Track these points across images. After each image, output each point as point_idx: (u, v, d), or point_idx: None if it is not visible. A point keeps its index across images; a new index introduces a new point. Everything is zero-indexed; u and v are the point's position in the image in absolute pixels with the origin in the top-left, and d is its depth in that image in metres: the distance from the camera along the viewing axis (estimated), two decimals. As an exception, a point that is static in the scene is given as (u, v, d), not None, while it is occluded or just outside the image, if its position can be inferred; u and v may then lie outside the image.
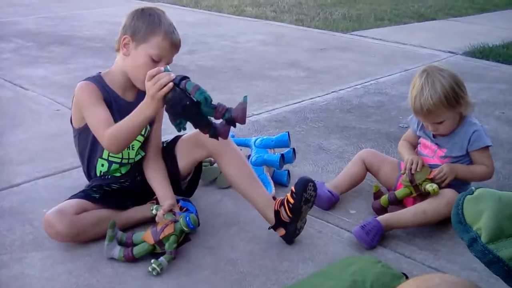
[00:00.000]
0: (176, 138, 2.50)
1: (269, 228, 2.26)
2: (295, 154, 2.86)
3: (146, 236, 2.15)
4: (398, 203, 2.48)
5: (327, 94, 4.37)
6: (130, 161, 2.45)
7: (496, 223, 1.25)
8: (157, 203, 2.35)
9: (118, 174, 2.46)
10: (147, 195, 2.42)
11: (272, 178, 2.76)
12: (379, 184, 2.65)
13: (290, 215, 2.19)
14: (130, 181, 2.43)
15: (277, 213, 2.23)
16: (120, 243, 2.17)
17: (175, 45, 2.42)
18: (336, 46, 6.18)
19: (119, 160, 2.42)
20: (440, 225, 2.38)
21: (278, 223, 2.24)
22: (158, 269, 2.06)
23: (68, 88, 3.51)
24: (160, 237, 2.12)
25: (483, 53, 5.73)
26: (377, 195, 2.56)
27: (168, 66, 2.22)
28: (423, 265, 2.17)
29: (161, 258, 2.09)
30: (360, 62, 5.43)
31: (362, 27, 7.26)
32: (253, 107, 4.00)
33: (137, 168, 2.45)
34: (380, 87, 4.56)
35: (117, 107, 2.35)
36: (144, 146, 2.46)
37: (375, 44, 6.28)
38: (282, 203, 2.23)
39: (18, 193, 2.64)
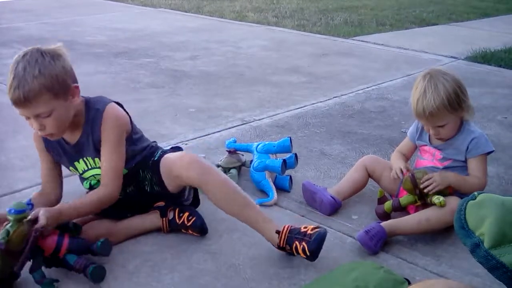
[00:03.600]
0: (164, 153, 2.40)
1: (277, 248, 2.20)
2: (297, 160, 2.86)
3: None
4: (402, 209, 2.47)
5: (329, 99, 4.36)
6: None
7: (499, 229, 1.25)
8: (160, 211, 2.36)
9: None
10: (145, 204, 2.42)
11: (274, 183, 2.76)
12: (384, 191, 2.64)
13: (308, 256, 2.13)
14: (122, 194, 2.37)
15: (282, 248, 2.17)
16: None
17: (15, 104, 2.11)
18: (338, 51, 6.18)
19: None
20: (442, 230, 2.37)
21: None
22: None
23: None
24: None
25: (485, 58, 5.72)
26: (382, 200, 2.56)
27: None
28: (425, 271, 2.16)
29: None
30: (362, 67, 5.44)
31: (364, 32, 7.27)
32: (254, 112, 4.01)
33: (124, 181, 2.35)
34: (382, 92, 4.55)
35: (66, 151, 2.35)
36: None
37: (377, 49, 6.29)
38: (294, 247, 2.13)
39: (19, 198, 2.63)
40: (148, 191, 2.40)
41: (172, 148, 2.85)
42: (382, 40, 6.76)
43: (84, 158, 2.33)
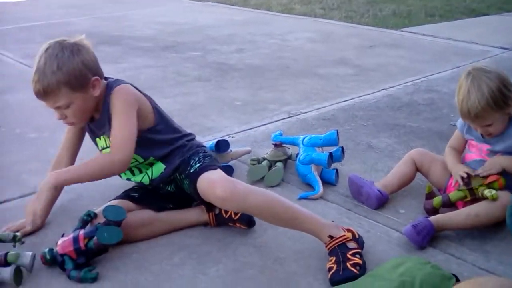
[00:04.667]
0: (201, 171, 2.28)
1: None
2: (343, 153, 2.83)
3: None
4: (451, 205, 2.42)
5: (376, 91, 4.32)
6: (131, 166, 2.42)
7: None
8: (207, 207, 2.37)
9: (147, 183, 2.46)
10: (187, 198, 2.43)
11: (320, 177, 2.74)
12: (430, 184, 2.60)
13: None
14: (163, 190, 2.40)
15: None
16: None
17: (36, 96, 2.24)
18: (386, 43, 6.10)
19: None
20: (491, 225, 2.31)
21: None
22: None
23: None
24: None
25: (537, 48, 5.58)
26: (430, 195, 2.51)
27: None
28: (474, 266, 2.12)
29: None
30: (410, 59, 5.36)
31: (413, 23, 7.16)
32: (301, 105, 3.99)
33: (164, 180, 2.40)
34: (431, 85, 4.48)
35: (88, 125, 2.44)
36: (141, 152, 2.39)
37: (425, 41, 6.19)
38: (329, 260, 2.10)
39: (69, 191, 2.68)
40: (188, 193, 2.40)
41: (218, 142, 2.88)
42: (431, 31, 6.64)
43: (103, 136, 2.38)
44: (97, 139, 2.42)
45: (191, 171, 2.32)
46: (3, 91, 4.44)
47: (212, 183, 2.18)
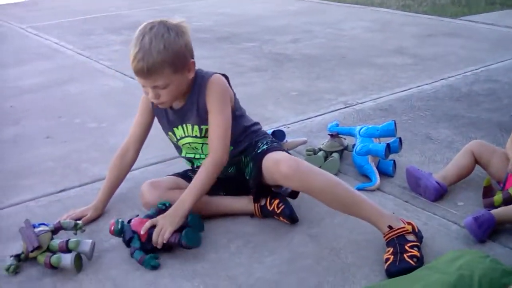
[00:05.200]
0: (267, 151, 2.32)
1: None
2: (401, 144, 2.79)
3: None
4: None
5: (435, 81, 4.24)
6: (202, 157, 2.46)
7: None
8: (254, 197, 2.38)
9: None
10: (241, 188, 2.44)
11: (377, 168, 2.72)
12: (491, 177, 2.53)
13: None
14: (222, 173, 2.39)
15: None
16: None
17: (137, 74, 2.23)
18: (444, 32, 5.98)
19: (192, 156, 2.50)
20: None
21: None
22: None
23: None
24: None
25: None
26: (487, 189, 2.45)
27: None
28: (536, 261, 2.07)
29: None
30: (469, 48, 5.24)
31: (472, 12, 6.99)
32: (357, 95, 3.96)
33: (228, 160, 2.39)
34: (491, 74, 4.37)
35: (168, 116, 2.45)
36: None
37: (485, 29, 6.03)
38: (386, 251, 2.08)
39: (127, 179, 2.74)
40: (247, 178, 2.42)
41: (274, 132, 2.88)
42: (491, 19, 6.47)
43: (184, 125, 2.40)
44: (175, 128, 2.44)
45: (258, 151, 2.37)
46: (64, 82, 4.55)
47: (277, 160, 2.21)
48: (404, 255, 2.00)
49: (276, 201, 2.35)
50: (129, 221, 2.21)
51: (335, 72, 4.60)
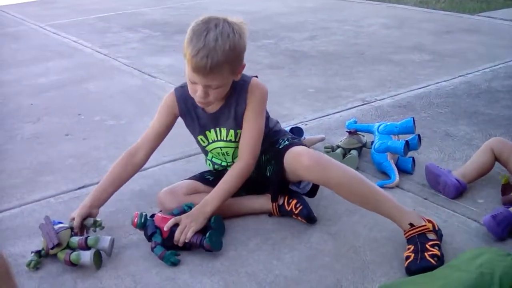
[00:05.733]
0: (289, 146, 2.33)
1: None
2: (420, 141, 2.78)
3: None
4: None
5: (453, 78, 4.21)
6: (229, 165, 2.45)
7: None
8: (272, 196, 2.37)
9: (230, 162, 2.48)
10: (261, 187, 2.44)
11: (396, 165, 2.71)
12: (509, 175, 2.52)
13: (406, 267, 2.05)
14: None
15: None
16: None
17: (196, 71, 2.11)
18: (462, 28, 5.94)
19: (219, 163, 2.48)
20: None
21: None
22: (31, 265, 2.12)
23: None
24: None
25: None
26: (506, 187, 2.44)
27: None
28: (558, 259, 2.05)
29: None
30: (488, 44, 5.19)
31: (491, 7, 6.93)
32: (375, 92, 3.95)
33: None
34: (511, 71, 4.33)
35: (200, 119, 2.40)
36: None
37: (504, 26, 5.99)
38: (407, 249, 2.06)
39: (146, 176, 2.76)
40: (268, 176, 2.42)
41: (291, 129, 2.88)
42: (511, 15, 6.41)
43: (217, 128, 2.38)
44: (207, 132, 2.41)
45: (280, 147, 2.36)
46: (83, 79, 4.58)
47: (298, 153, 2.22)
48: (425, 253, 1.99)
49: (294, 201, 2.34)
50: (152, 216, 2.22)
51: (352, 69, 4.58)
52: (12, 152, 3.24)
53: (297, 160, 2.20)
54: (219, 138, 2.40)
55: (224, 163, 2.47)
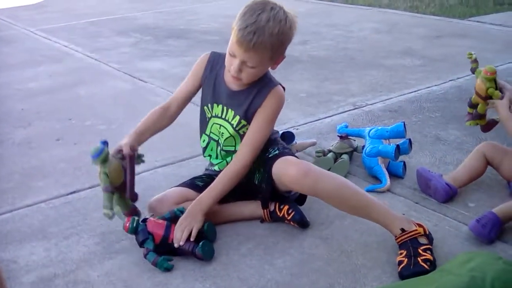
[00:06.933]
0: (279, 155, 2.31)
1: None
2: (411, 145, 2.80)
3: None
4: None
5: (444, 82, 4.23)
6: (224, 149, 2.45)
7: None
8: (262, 202, 2.37)
9: (216, 169, 2.49)
10: (250, 193, 2.43)
11: (387, 169, 2.72)
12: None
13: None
14: None
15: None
16: None
17: (239, 43, 2.15)
18: (453, 33, 5.97)
19: (216, 139, 2.47)
20: None
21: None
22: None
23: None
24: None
25: None
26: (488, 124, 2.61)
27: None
28: (549, 262, 2.06)
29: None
30: (478, 49, 5.20)
31: (480, 12, 6.97)
32: (366, 97, 3.96)
33: None
34: (501, 75, 4.29)
35: (216, 89, 2.41)
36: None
37: (494, 30, 6.02)
38: (400, 253, 2.08)
39: (138, 181, 2.72)
40: (256, 184, 2.42)
41: (283, 133, 2.88)
42: (500, 20, 6.45)
43: (226, 107, 2.39)
44: (215, 104, 2.42)
45: (270, 156, 2.35)
46: (74, 84, 4.57)
47: (287, 163, 2.21)
48: (418, 258, 2.00)
49: (286, 207, 2.34)
50: (144, 220, 2.21)
51: (344, 73, 4.60)
52: (3, 156, 3.22)
53: (286, 171, 2.19)
54: (223, 117, 2.40)
55: (220, 141, 2.45)
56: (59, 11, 8.31)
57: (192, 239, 2.13)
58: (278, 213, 2.35)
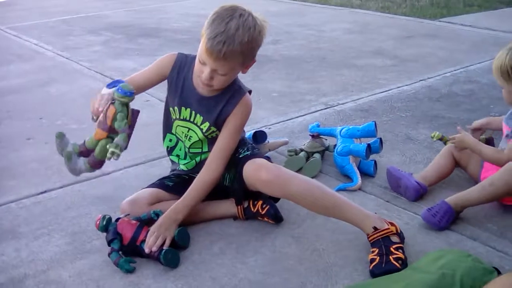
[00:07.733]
0: (249, 157, 2.31)
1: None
2: (382, 144, 2.82)
3: (97, 134, 2.14)
4: None
5: (415, 82, 4.28)
6: (191, 151, 2.45)
7: None
8: (236, 201, 2.37)
9: (184, 168, 2.48)
10: (221, 193, 2.42)
11: (358, 168, 2.74)
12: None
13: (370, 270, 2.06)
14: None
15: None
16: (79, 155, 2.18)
17: (209, 53, 2.12)
18: (423, 33, 6.04)
19: (183, 140, 2.45)
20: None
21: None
22: (117, 151, 2.01)
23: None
24: (109, 124, 2.08)
25: None
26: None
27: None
28: (516, 259, 2.10)
29: (116, 139, 2.04)
30: (449, 49, 5.29)
31: (451, 13, 7.07)
32: (338, 96, 3.98)
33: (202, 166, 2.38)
34: (470, 75, 4.42)
35: (184, 93, 2.38)
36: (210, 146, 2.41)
37: (464, 31, 6.10)
38: (371, 251, 2.09)
39: (109, 181, 2.74)
40: (226, 185, 2.42)
41: (255, 132, 2.89)
42: (470, 21, 6.55)
43: (195, 112, 2.37)
44: (183, 108, 2.38)
45: (240, 156, 2.35)
46: (45, 83, 4.52)
47: (258, 166, 2.21)
48: (390, 257, 2.02)
49: (260, 202, 2.35)
50: (117, 220, 2.20)
51: (315, 73, 4.62)
52: (-29, 156, 3.18)
53: (256, 173, 2.20)
54: (192, 120, 2.38)
55: (186, 141, 2.43)
56: (30, 9, 8.22)
57: (165, 247, 2.12)
58: (252, 209, 2.36)
